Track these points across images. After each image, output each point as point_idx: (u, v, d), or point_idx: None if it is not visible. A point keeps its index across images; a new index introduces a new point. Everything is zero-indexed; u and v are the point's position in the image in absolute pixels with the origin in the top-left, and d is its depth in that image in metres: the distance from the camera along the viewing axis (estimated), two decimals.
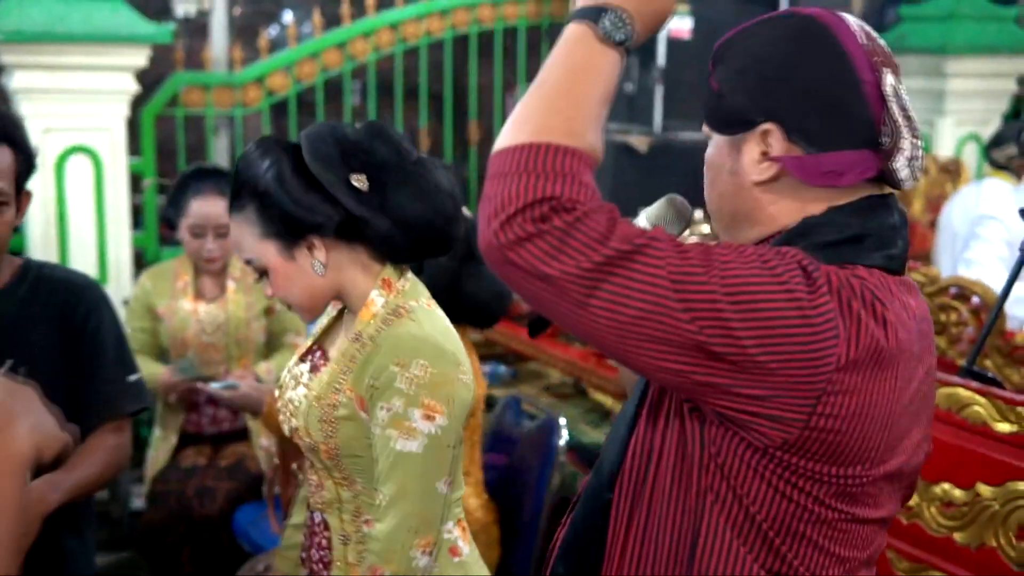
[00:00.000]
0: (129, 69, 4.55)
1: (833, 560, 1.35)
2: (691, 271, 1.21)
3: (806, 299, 1.23)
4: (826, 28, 1.37)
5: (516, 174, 1.22)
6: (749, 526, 1.32)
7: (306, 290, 1.98)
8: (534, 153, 1.22)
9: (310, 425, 1.96)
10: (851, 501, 1.33)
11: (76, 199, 4.55)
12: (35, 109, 4.47)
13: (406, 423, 1.87)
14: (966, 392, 2.46)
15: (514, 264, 1.21)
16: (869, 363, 1.26)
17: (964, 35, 5.91)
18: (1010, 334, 2.78)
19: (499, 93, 6.10)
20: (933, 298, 2.97)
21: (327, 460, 1.97)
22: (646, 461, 1.40)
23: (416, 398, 1.87)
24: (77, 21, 4.39)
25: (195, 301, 3.58)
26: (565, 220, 1.20)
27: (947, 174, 5.62)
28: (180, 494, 3.36)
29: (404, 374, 1.87)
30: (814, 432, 1.26)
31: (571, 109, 1.26)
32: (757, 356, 1.21)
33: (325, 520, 2.03)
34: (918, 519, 2.52)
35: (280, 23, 7.81)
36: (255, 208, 1.94)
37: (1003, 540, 2.35)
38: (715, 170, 1.43)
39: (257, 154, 1.95)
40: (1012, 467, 2.34)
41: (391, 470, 1.89)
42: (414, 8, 5.66)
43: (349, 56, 5.53)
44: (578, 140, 1.24)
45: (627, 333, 1.22)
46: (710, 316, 1.20)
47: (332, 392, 1.95)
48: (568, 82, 1.27)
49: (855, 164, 1.35)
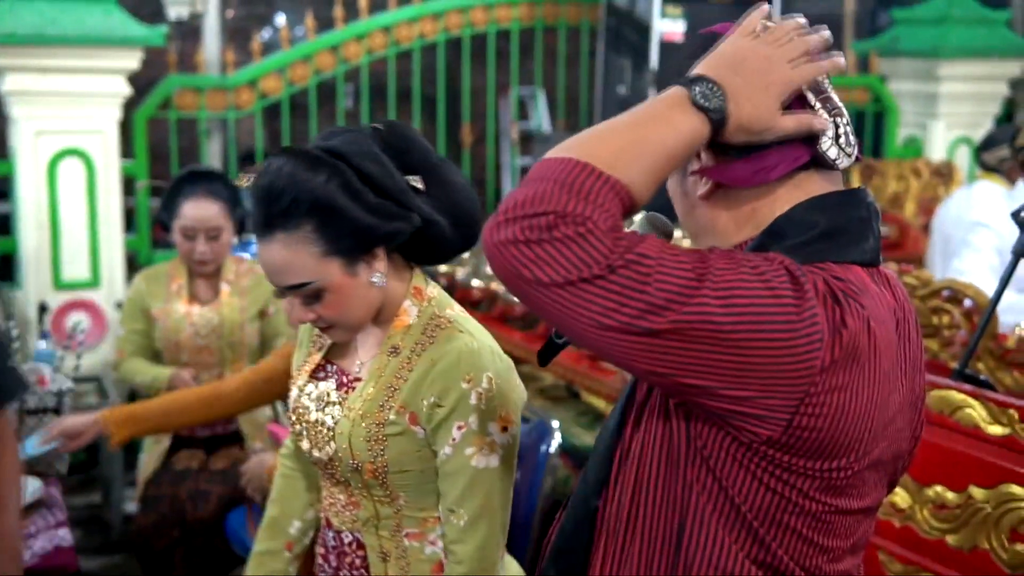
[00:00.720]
0: (122, 72, 4.55)
1: (818, 550, 1.37)
2: (684, 277, 1.22)
3: (792, 304, 1.24)
4: (720, 36, 1.38)
5: (544, 180, 1.23)
6: (735, 517, 1.34)
7: (363, 306, 1.87)
8: (569, 168, 1.23)
9: (355, 446, 1.87)
10: (836, 493, 1.35)
11: (68, 202, 4.55)
12: (27, 112, 4.47)
13: (486, 439, 1.84)
14: (959, 395, 2.46)
15: (512, 263, 1.22)
16: (850, 363, 1.28)
17: (956, 39, 5.93)
18: (1002, 337, 2.79)
19: (492, 96, 6.11)
20: (926, 301, 2.97)
21: (370, 479, 1.89)
22: (633, 462, 1.41)
23: (492, 411, 1.84)
24: (69, 24, 4.38)
25: (189, 304, 3.58)
26: (567, 233, 1.20)
27: (939, 177, 5.63)
28: (173, 498, 3.35)
29: (475, 390, 1.82)
30: (797, 430, 1.27)
31: (626, 144, 1.26)
32: (741, 359, 1.23)
33: (358, 539, 1.96)
34: (911, 521, 2.53)
35: (273, 26, 7.81)
36: (314, 226, 1.78)
37: (995, 543, 2.35)
38: (672, 195, 1.46)
39: (303, 167, 1.77)
40: (1004, 470, 2.35)
41: (471, 488, 1.85)
42: (407, 11, 5.67)
43: (342, 59, 5.53)
44: (619, 173, 1.24)
45: (615, 343, 1.23)
46: (701, 321, 1.21)
47: (378, 410, 1.87)
48: (635, 123, 1.29)
49: (783, 157, 1.35)
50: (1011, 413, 2.36)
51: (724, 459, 1.32)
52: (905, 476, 2.53)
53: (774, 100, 1.31)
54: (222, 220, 3.48)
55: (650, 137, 1.27)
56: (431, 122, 6.09)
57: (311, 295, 1.83)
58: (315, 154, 1.79)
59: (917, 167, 5.67)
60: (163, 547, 3.31)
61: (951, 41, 5.90)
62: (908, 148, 6.25)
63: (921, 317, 2.98)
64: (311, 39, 5.49)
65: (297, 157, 1.78)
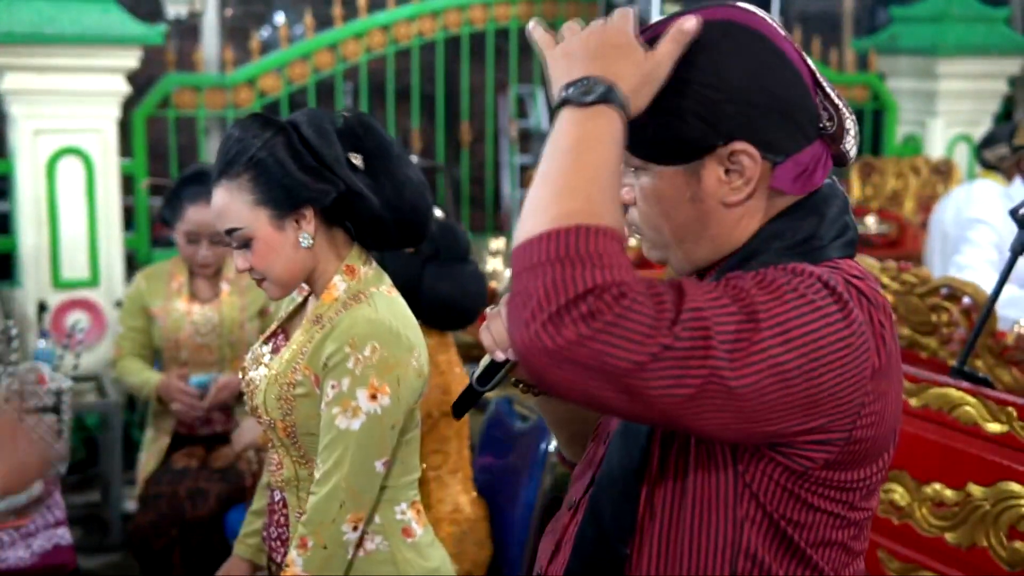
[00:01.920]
0: (120, 70, 4.55)
1: (853, 556, 1.37)
2: (741, 345, 1.16)
3: (840, 319, 1.21)
4: (754, 30, 1.32)
5: (548, 263, 1.12)
6: (781, 544, 1.31)
7: (287, 263, 2.01)
8: (563, 239, 1.12)
9: (268, 403, 2.02)
10: (870, 497, 1.36)
11: (67, 201, 4.55)
12: (26, 111, 4.47)
13: (351, 402, 1.96)
14: (957, 392, 2.46)
15: (575, 362, 1.11)
16: (884, 366, 1.26)
17: (955, 36, 5.93)
18: (1001, 334, 2.79)
19: (491, 94, 6.10)
20: (924, 298, 2.97)
21: (284, 438, 2.04)
22: (669, 497, 1.34)
23: (364, 378, 1.96)
24: (68, 22, 4.38)
25: (189, 302, 3.58)
26: (617, 310, 1.10)
27: (939, 175, 5.63)
28: (172, 496, 3.35)
29: (355, 355, 1.95)
30: (852, 444, 1.26)
31: (586, 185, 1.16)
32: (811, 392, 1.19)
33: (284, 498, 2.10)
34: (909, 519, 2.53)
35: (271, 24, 7.80)
36: (251, 176, 1.97)
37: (994, 540, 2.35)
38: (669, 201, 1.33)
39: (255, 125, 1.99)
40: (1003, 467, 2.35)
41: (330, 445, 1.97)
42: (406, 9, 5.66)
43: (341, 57, 5.52)
44: (602, 218, 1.14)
45: (687, 411, 1.16)
46: (768, 367, 1.16)
47: (290, 371, 2.01)
48: (570, 160, 1.18)
49: (816, 158, 1.33)
50: (1009, 411, 2.36)
51: (773, 489, 1.28)
52: (904, 474, 2.54)
53: (631, 46, 1.25)
54: None
55: (594, 163, 1.18)
56: (430, 120, 6.08)
57: (242, 242, 2.01)
58: (268, 117, 2.02)
59: (916, 165, 5.67)
60: (162, 546, 3.31)
61: (950, 39, 5.90)
62: (907, 146, 6.25)
63: (920, 315, 2.98)
64: (310, 37, 5.48)
65: (254, 119, 2.01)
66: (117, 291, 4.63)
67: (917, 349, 3.01)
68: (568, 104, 1.22)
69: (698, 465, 1.31)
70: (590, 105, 1.20)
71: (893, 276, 3.04)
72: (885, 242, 5.27)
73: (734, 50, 1.29)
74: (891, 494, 2.56)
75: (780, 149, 1.31)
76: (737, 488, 1.29)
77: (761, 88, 1.29)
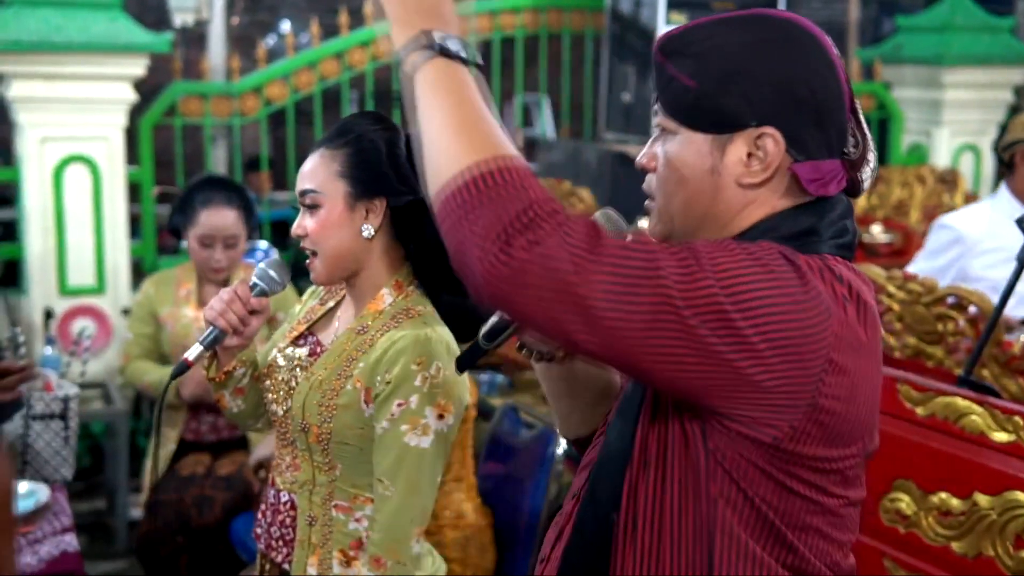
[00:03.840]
0: (127, 78, 4.56)
1: (836, 546, 1.40)
2: (688, 271, 1.23)
3: (796, 283, 1.26)
4: (813, 35, 1.39)
5: (481, 203, 1.20)
6: (762, 525, 1.34)
7: (341, 244, 2.04)
8: (486, 177, 1.21)
9: (308, 407, 2.03)
10: (847, 484, 1.38)
11: (74, 208, 4.56)
12: (33, 118, 4.48)
13: (420, 420, 1.98)
14: (963, 402, 2.46)
15: (531, 284, 1.19)
16: (854, 341, 1.30)
17: (960, 46, 5.93)
18: (1008, 344, 2.78)
19: (497, 103, 6.10)
20: (930, 308, 2.97)
21: (314, 443, 2.04)
22: (651, 478, 1.39)
23: (432, 397, 1.98)
24: (75, 30, 4.39)
25: (197, 309, 3.58)
26: (555, 220, 1.20)
27: (944, 184, 5.62)
28: (178, 503, 3.35)
29: (423, 373, 1.97)
30: (817, 414, 1.29)
31: (479, 124, 1.27)
32: (759, 345, 1.24)
33: (293, 500, 2.11)
34: (916, 528, 2.53)
35: (278, 33, 7.82)
36: (348, 152, 2.04)
37: (1000, 549, 2.35)
38: (688, 168, 1.39)
39: (372, 116, 2.10)
40: (1009, 476, 2.35)
41: (398, 463, 1.98)
42: None
43: (347, 65, 5.53)
44: (506, 149, 1.24)
45: (644, 346, 1.23)
46: (714, 314, 1.22)
47: (336, 378, 2.02)
48: (460, 102, 1.29)
49: (834, 173, 1.38)
50: (1016, 420, 2.36)
51: (745, 467, 1.32)
52: (910, 483, 2.54)
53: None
54: (239, 228, 3.49)
55: (476, 102, 1.29)
56: None
57: (311, 204, 2.04)
58: (384, 116, 2.11)
59: (922, 174, 5.67)
60: (168, 553, 3.32)
61: (955, 48, 5.91)
62: (912, 155, 6.25)
63: (926, 324, 2.98)
64: (316, 46, 5.49)
65: (374, 113, 2.12)
66: (123, 298, 4.64)
67: (923, 358, 3.00)
68: (406, 63, 1.32)
69: (674, 443, 1.36)
70: (451, 57, 1.32)
71: (899, 285, 3.04)
72: (891, 251, 5.27)
73: (791, 46, 1.37)
74: (897, 503, 2.56)
75: (804, 148, 1.36)
76: (709, 466, 1.33)
77: (806, 87, 1.35)
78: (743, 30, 1.38)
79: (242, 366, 2.14)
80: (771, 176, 1.37)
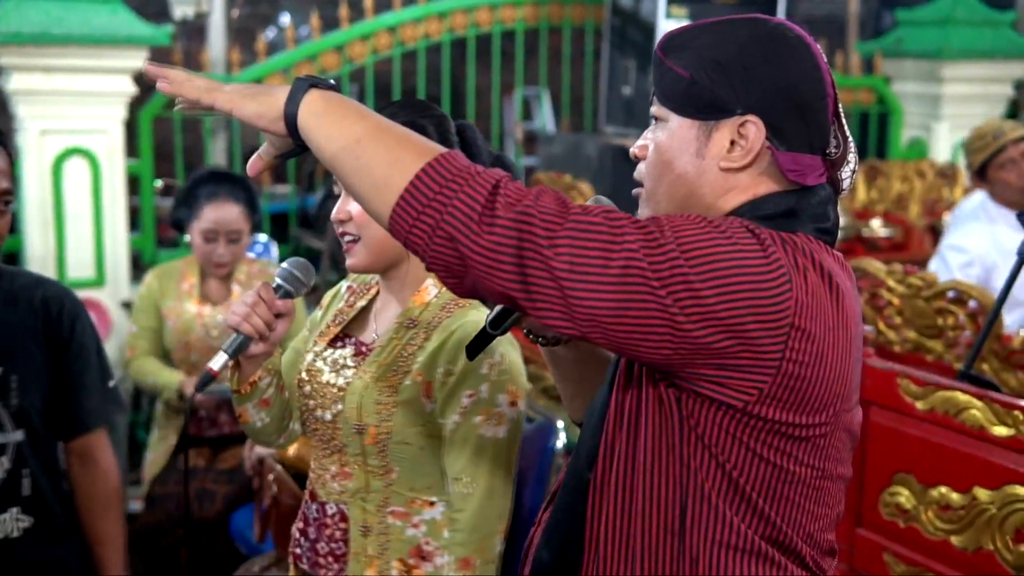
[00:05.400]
0: (127, 71, 4.56)
1: (811, 517, 1.44)
2: (652, 240, 1.30)
3: (757, 251, 1.32)
4: (804, 40, 1.47)
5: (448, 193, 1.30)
6: (736, 492, 1.39)
7: (387, 237, 1.93)
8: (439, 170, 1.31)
9: (365, 407, 1.93)
10: (821, 455, 1.42)
11: (73, 201, 4.55)
12: (33, 111, 4.47)
13: (494, 409, 1.91)
14: (963, 396, 2.46)
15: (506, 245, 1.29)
16: (819, 309, 1.35)
17: (961, 40, 5.93)
18: (1007, 338, 2.79)
19: (497, 96, 6.11)
20: (930, 302, 2.97)
21: (371, 445, 1.94)
22: (624, 438, 1.45)
23: (502, 384, 1.91)
24: (75, 23, 4.39)
25: (200, 304, 3.57)
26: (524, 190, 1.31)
27: (944, 178, 5.62)
28: (179, 496, 3.35)
29: (488, 360, 1.90)
30: (785, 378, 1.34)
31: (402, 134, 1.37)
32: (720, 311, 1.29)
33: (342, 511, 1.99)
34: (915, 522, 2.53)
35: (278, 25, 7.81)
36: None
37: (1000, 544, 2.35)
38: (675, 151, 1.47)
39: (420, 104, 2.00)
40: (1009, 471, 2.35)
41: (478, 457, 1.91)
42: (412, 11, 5.67)
43: (347, 59, 5.53)
44: (438, 148, 1.34)
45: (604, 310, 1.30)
46: (678, 281, 1.29)
47: (392, 375, 1.94)
48: (374, 126, 1.37)
49: (814, 167, 1.46)
50: (1016, 414, 2.36)
51: (718, 434, 1.37)
52: (910, 477, 2.54)
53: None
54: (243, 223, 3.49)
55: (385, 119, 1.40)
56: None
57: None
58: (430, 103, 2.02)
59: (921, 168, 5.66)
60: (167, 546, 3.32)
61: (955, 42, 5.90)
62: (912, 149, 6.25)
63: (926, 318, 2.98)
64: (316, 39, 5.49)
65: (420, 101, 2.02)
66: (123, 291, 4.63)
67: (923, 352, 3.01)
68: (310, 92, 1.40)
69: (649, 405, 1.42)
70: (321, 87, 1.41)
71: (899, 279, 3.04)
72: (890, 245, 5.27)
73: (782, 46, 1.45)
74: (897, 497, 2.56)
75: (785, 140, 1.44)
76: (684, 432, 1.39)
77: (791, 84, 1.44)
78: (739, 30, 1.47)
79: (267, 375, 1.94)
80: (751, 162, 1.44)
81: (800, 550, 1.43)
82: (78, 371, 2.32)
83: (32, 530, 2.23)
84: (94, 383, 2.35)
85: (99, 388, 2.36)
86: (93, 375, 2.35)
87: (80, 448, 2.36)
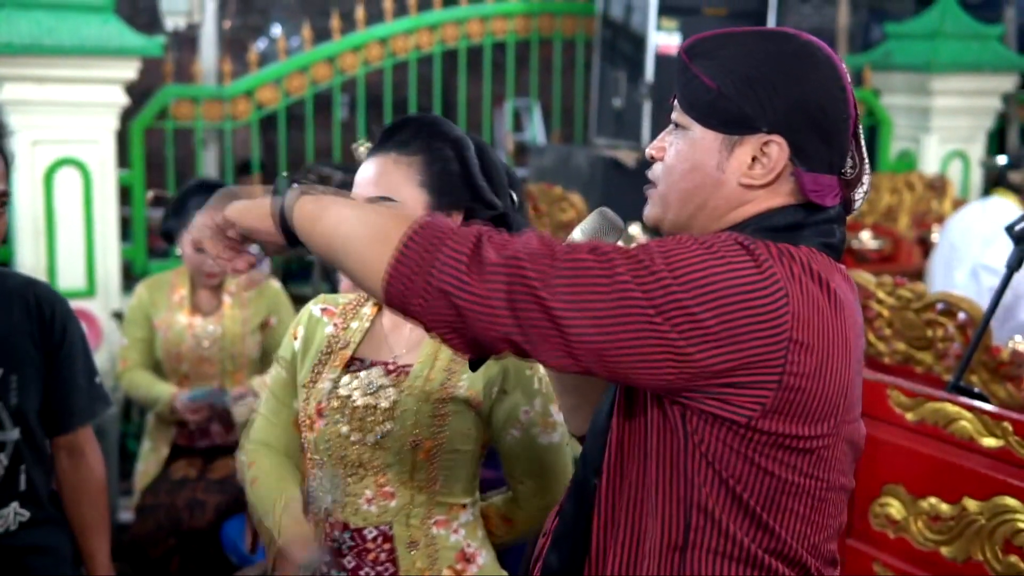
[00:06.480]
0: (119, 82, 4.56)
1: (815, 528, 1.45)
2: (643, 267, 1.31)
3: (750, 266, 1.33)
4: (832, 60, 1.46)
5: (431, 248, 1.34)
6: (738, 507, 1.40)
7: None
8: (420, 234, 1.35)
9: (420, 423, 1.93)
10: (824, 466, 1.42)
11: (65, 211, 4.55)
12: (24, 121, 4.47)
13: (548, 419, 2.01)
14: (953, 407, 2.47)
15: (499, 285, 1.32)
16: (818, 319, 1.35)
17: (949, 53, 5.96)
18: (996, 350, 2.80)
19: (488, 107, 6.12)
20: (920, 314, 2.98)
21: (422, 459, 1.93)
22: (630, 449, 1.46)
23: (550, 395, 2.00)
24: (66, 33, 4.39)
25: (191, 315, 3.57)
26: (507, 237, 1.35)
27: (932, 191, 5.65)
28: (170, 506, 3.35)
29: (537, 375, 1.99)
30: (786, 392, 1.34)
31: (377, 212, 1.46)
32: (717, 330, 1.30)
33: (384, 532, 1.96)
34: (905, 533, 2.54)
35: (269, 37, 7.82)
36: (427, 159, 1.90)
37: (989, 554, 2.36)
38: (695, 161, 1.47)
39: (444, 124, 1.96)
40: (999, 482, 2.36)
41: (538, 462, 2.01)
42: (403, 23, 5.68)
43: (338, 70, 5.54)
44: (411, 216, 1.40)
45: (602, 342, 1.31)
46: (672, 306, 1.30)
47: (441, 388, 1.95)
48: (354, 212, 1.44)
49: (832, 188, 1.46)
50: (1005, 425, 2.38)
51: (721, 450, 1.38)
52: (899, 487, 2.55)
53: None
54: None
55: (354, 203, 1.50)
56: None
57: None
58: (447, 120, 1.99)
59: (910, 180, 5.69)
60: (159, 556, 3.32)
61: (944, 56, 5.93)
62: (901, 162, 6.28)
63: (915, 330, 3.00)
64: (308, 50, 5.50)
65: (436, 118, 1.99)
66: (114, 302, 4.63)
67: (913, 364, 3.02)
68: (300, 199, 1.49)
69: (654, 419, 1.43)
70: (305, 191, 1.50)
71: (889, 291, 3.06)
72: (880, 257, 5.29)
73: (811, 65, 1.45)
74: (887, 508, 2.57)
75: (807, 160, 1.44)
76: (688, 448, 1.39)
77: (818, 105, 1.43)
78: (768, 43, 1.46)
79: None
80: (771, 181, 1.44)
81: (804, 561, 1.44)
82: (69, 371, 2.38)
83: (28, 522, 2.32)
84: (83, 382, 2.41)
85: (87, 386, 2.42)
86: (82, 374, 2.41)
87: (68, 443, 2.44)
